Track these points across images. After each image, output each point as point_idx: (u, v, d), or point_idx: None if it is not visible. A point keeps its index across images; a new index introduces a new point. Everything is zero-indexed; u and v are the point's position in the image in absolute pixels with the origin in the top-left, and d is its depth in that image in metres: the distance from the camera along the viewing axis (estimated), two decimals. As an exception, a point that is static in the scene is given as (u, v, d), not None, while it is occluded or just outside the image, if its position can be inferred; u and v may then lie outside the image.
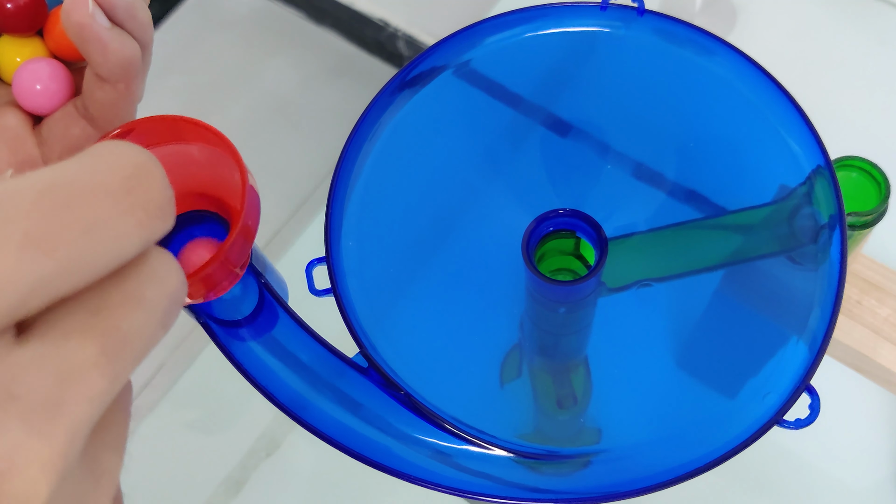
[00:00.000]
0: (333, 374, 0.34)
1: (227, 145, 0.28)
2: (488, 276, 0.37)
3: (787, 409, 0.32)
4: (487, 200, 0.39)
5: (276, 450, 0.62)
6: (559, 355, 0.38)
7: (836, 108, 0.66)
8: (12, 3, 0.32)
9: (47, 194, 0.16)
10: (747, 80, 0.37)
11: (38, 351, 0.15)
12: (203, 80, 0.79)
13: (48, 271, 0.15)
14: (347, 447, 0.33)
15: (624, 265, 0.36)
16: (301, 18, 0.81)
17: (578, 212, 0.33)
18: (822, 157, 0.35)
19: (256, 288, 0.33)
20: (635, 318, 0.36)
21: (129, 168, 0.17)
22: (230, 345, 0.33)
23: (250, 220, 0.28)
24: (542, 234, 0.34)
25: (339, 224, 0.37)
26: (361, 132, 0.38)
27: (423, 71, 0.40)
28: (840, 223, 0.34)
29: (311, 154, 0.74)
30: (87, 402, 0.16)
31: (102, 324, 0.16)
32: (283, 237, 0.70)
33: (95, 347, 0.16)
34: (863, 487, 0.57)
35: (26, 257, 0.15)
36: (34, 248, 0.15)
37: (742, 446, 0.31)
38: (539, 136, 0.39)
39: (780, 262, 0.36)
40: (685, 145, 0.38)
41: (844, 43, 0.69)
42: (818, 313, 0.33)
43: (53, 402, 0.15)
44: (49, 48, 0.34)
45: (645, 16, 0.39)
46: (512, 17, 0.40)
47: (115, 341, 0.16)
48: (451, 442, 0.33)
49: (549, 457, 0.33)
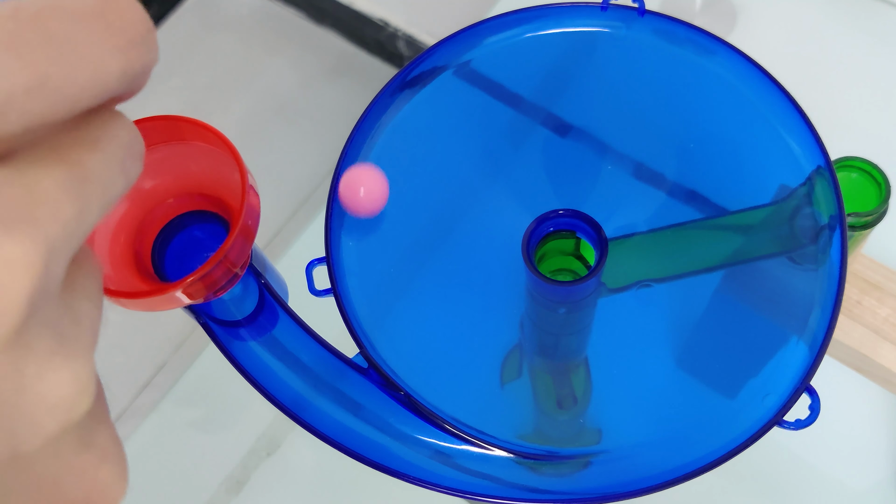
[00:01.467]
0: (333, 375, 0.34)
1: (227, 145, 0.28)
2: (488, 277, 0.37)
3: (787, 409, 0.32)
4: (487, 201, 0.39)
5: (277, 449, 0.62)
6: (559, 355, 0.38)
7: (836, 108, 0.66)
8: None
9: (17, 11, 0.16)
10: (747, 80, 0.37)
11: (8, 174, 0.15)
12: (203, 80, 0.79)
13: (22, 81, 0.15)
14: (347, 447, 0.33)
15: (624, 266, 0.36)
16: (301, 18, 0.81)
17: (578, 212, 0.33)
18: (822, 158, 0.35)
19: (256, 288, 0.33)
20: (635, 319, 0.36)
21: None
22: (230, 345, 0.33)
23: (250, 220, 0.28)
24: (542, 234, 0.34)
25: (340, 224, 0.37)
26: (362, 132, 0.38)
27: (423, 71, 0.40)
28: (840, 224, 0.34)
29: (311, 154, 0.74)
30: (60, 223, 0.16)
31: (66, 157, 0.16)
32: (283, 237, 0.70)
33: (62, 175, 0.16)
34: (863, 487, 0.57)
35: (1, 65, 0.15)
36: (7, 56, 0.15)
37: (742, 447, 0.31)
38: (539, 137, 0.39)
39: (781, 262, 0.36)
40: (685, 145, 0.38)
41: (844, 43, 0.69)
42: (818, 313, 0.33)
43: (27, 217, 0.15)
44: None
45: (645, 16, 0.39)
46: (512, 17, 0.40)
47: (79, 173, 0.16)
48: (451, 442, 0.33)
49: (549, 457, 0.33)
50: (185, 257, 0.31)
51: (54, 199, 0.16)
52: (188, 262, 0.31)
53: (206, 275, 0.27)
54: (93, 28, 0.16)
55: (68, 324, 0.17)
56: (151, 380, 0.65)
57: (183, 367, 0.65)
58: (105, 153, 0.17)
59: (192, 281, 0.27)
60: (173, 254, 0.31)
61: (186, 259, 0.31)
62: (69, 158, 0.17)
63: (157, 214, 0.31)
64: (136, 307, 0.28)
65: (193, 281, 0.27)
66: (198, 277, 0.27)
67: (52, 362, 0.16)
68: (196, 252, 0.31)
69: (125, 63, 0.17)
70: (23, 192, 0.15)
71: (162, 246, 0.31)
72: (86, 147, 0.17)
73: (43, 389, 0.16)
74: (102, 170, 0.17)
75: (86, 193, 0.17)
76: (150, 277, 0.30)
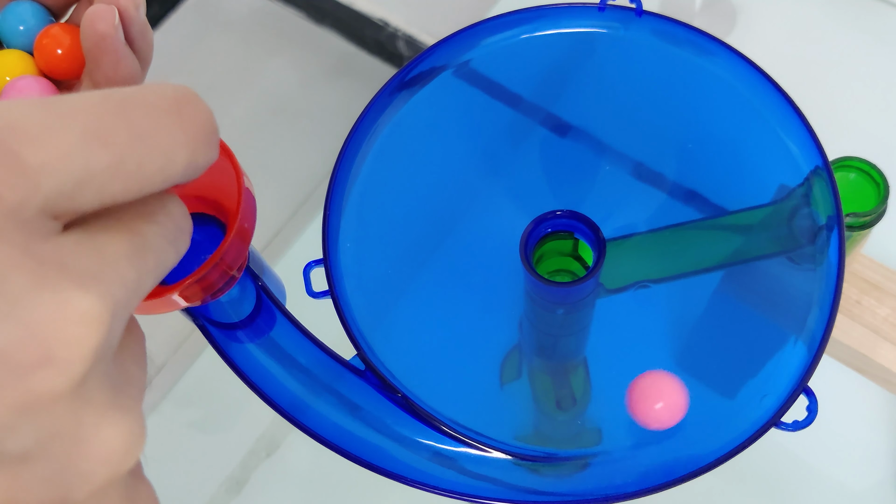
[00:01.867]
0: (330, 377, 0.34)
1: (223, 147, 0.28)
2: (487, 278, 0.37)
3: (784, 411, 0.32)
4: (486, 201, 0.39)
5: (277, 450, 0.62)
6: (558, 356, 0.38)
7: (836, 108, 0.66)
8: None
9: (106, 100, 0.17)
10: (746, 81, 0.37)
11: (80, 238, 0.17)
12: (203, 80, 0.79)
13: (103, 163, 0.16)
14: (344, 449, 0.32)
15: (622, 266, 0.36)
16: (301, 18, 0.81)
17: (576, 213, 0.33)
18: (819, 158, 0.35)
19: (254, 290, 0.33)
20: (634, 319, 0.36)
21: (178, 93, 0.19)
22: (228, 347, 0.33)
23: (246, 223, 0.28)
24: (540, 235, 0.34)
25: (337, 225, 0.37)
26: (360, 132, 0.38)
27: (422, 71, 0.40)
28: (838, 224, 0.34)
29: (311, 154, 0.74)
30: (124, 286, 0.17)
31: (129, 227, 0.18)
32: (281, 238, 0.70)
33: (126, 243, 0.18)
34: (863, 487, 0.57)
35: (85, 145, 0.16)
36: (93, 139, 0.16)
37: (740, 448, 0.31)
38: (538, 137, 0.39)
39: (779, 262, 0.36)
40: (684, 146, 0.38)
41: (844, 43, 0.69)
42: (816, 314, 0.33)
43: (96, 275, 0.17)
44: (38, 66, 0.34)
45: (643, 17, 0.39)
46: (511, 17, 0.40)
47: (140, 243, 0.18)
48: (449, 444, 0.33)
49: (548, 458, 0.33)
50: (181, 260, 0.31)
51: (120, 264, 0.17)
52: (185, 265, 0.31)
53: (202, 278, 0.27)
54: (168, 122, 0.18)
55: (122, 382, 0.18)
56: (151, 381, 0.65)
57: (182, 369, 0.65)
58: (162, 227, 0.19)
59: (188, 284, 0.27)
60: None
61: (183, 262, 0.31)
62: (132, 229, 0.18)
63: None
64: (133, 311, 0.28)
65: (190, 284, 0.27)
66: (194, 280, 0.27)
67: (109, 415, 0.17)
68: (193, 255, 0.31)
69: (191, 156, 0.18)
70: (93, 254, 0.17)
71: None
72: (145, 220, 0.19)
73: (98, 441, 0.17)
74: (159, 242, 0.19)
75: (145, 262, 0.18)
76: None
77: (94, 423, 0.17)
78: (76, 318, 0.16)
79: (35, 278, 0.16)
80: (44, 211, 0.16)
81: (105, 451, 0.17)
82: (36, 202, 0.16)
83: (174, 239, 0.19)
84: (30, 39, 0.34)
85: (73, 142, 0.16)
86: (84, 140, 0.16)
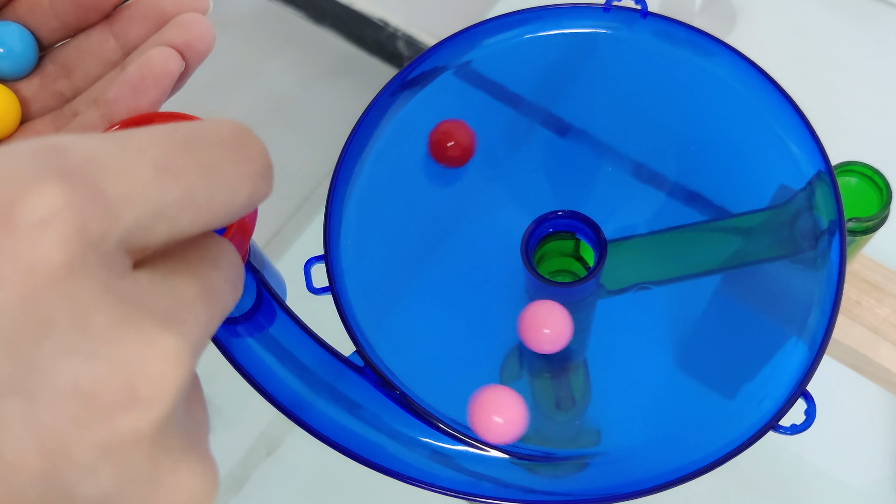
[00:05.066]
0: (329, 373, 0.34)
1: None
2: (488, 277, 0.37)
3: (782, 414, 0.32)
4: (487, 201, 0.39)
5: (277, 449, 0.62)
6: (558, 357, 0.38)
7: (837, 109, 0.66)
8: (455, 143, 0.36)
9: (172, 135, 0.17)
10: (749, 82, 0.37)
11: (154, 278, 0.17)
12: (203, 80, 0.79)
13: (175, 196, 0.17)
14: (342, 445, 0.33)
15: (623, 267, 0.36)
16: (301, 18, 0.81)
17: (578, 213, 0.33)
18: (822, 163, 0.35)
19: (254, 285, 0.33)
20: (634, 320, 0.36)
21: (237, 128, 0.19)
22: (227, 342, 0.33)
23: (247, 217, 0.28)
24: (541, 235, 0.34)
25: (339, 222, 0.37)
26: (362, 132, 0.39)
27: (423, 71, 0.40)
28: (840, 229, 0.34)
29: (311, 154, 0.74)
30: (200, 328, 0.17)
31: (197, 271, 0.18)
32: (282, 237, 0.70)
33: (196, 286, 0.18)
34: (863, 487, 0.57)
35: (159, 178, 0.16)
36: (165, 173, 0.17)
37: (737, 451, 0.31)
38: (539, 138, 0.39)
39: (780, 264, 0.36)
40: (685, 147, 0.38)
41: (845, 44, 0.69)
42: (816, 318, 0.33)
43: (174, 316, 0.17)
44: None
45: (646, 18, 0.39)
46: (513, 18, 0.40)
47: (209, 286, 0.18)
48: (447, 442, 0.33)
49: (546, 458, 0.33)
50: None
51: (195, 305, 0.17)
52: None
53: None
54: (232, 156, 0.18)
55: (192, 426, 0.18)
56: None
57: (183, 367, 0.65)
58: (224, 272, 0.19)
59: None
60: None
61: None
62: (199, 273, 0.18)
63: None
64: None
65: None
66: None
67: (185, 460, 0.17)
68: None
69: (253, 190, 0.19)
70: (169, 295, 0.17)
71: None
72: (209, 265, 0.19)
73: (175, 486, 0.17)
74: (223, 286, 0.19)
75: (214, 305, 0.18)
76: None
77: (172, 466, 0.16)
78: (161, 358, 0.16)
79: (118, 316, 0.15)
80: (122, 244, 0.16)
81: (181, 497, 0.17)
82: (116, 234, 0.16)
83: (234, 284, 0.20)
84: (14, 67, 0.31)
85: (148, 175, 0.16)
86: (158, 173, 0.16)
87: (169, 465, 0.16)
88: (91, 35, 0.31)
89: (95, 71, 0.31)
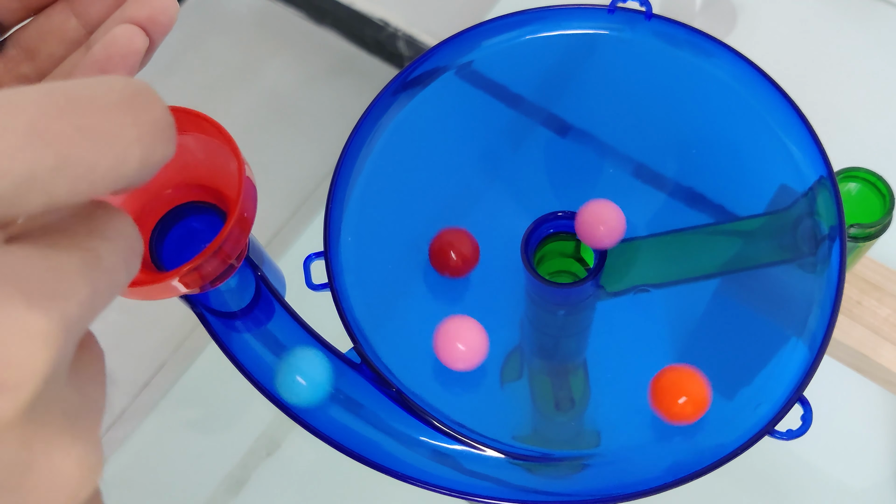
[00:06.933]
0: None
1: (225, 136, 0.28)
2: (488, 278, 0.37)
3: (779, 419, 0.32)
4: (487, 201, 0.39)
5: (277, 449, 0.62)
6: (558, 357, 0.38)
7: (837, 110, 0.66)
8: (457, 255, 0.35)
9: (50, 95, 0.16)
10: (750, 85, 0.37)
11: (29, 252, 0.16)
12: (203, 80, 0.79)
13: (48, 164, 0.15)
14: (338, 442, 0.33)
15: (624, 269, 0.36)
16: (301, 18, 0.81)
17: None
18: (824, 168, 0.35)
19: (253, 280, 0.33)
20: (634, 322, 0.36)
21: (127, 89, 0.17)
22: (226, 336, 0.33)
23: (246, 211, 0.28)
24: (541, 236, 0.34)
25: (339, 220, 0.37)
26: (363, 131, 0.38)
27: (424, 71, 0.40)
28: (840, 235, 0.34)
29: (311, 154, 0.74)
30: (76, 304, 0.16)
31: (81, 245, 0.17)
32: (282, 237, 0.70)
33: (79, 259, 0.17)
34: (863, 488, 0.57)
35: (29, 144, 0.15)
36: (37, 138, 0.15)
37: (732, 455, 0.31)
38: (540, 138, 0.39)
39: (781, 268, 0.36)
40: (686, 149, 0.38)
41: (845, 44, 0.69)
42: (815, 323, 0.33)
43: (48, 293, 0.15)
44: None
45: (650, 20, 0.39)
46: (514, 18, 0.40)
47: (93, 260, 0.17)
48: (444, 441, 0.33)
49: (544, 459, 0.33)
50: (182, 248, 0.31)
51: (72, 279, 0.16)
52: (186, 253, 0.31)
53: (201, 265, 0.27)
54: (119, 118, 0.17)
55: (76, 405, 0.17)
56: (151, 380, 0.65)
57: (182, 368, 0.65)
58: (114, 245, 0.18)
59: (187, 270, 0.27)
60: (171, 244, 0.31)
61: (184, 250, 0.31)
62: (84, 245, 0.17)
63: (155, 205, 0.31)
64: (133, 296, 0.28)
65: (189, 270, 0.27)
66: (193, 267, 0.27)
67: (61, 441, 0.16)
68: (194, 243, 0.31)
69: (144, 153, 0.17)
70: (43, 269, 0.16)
71: (160, 236, 0.31)
72: (98, 237, 0.18)
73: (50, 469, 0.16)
74: (111, 259, 0.18)
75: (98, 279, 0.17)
76: (148, 267, 0.30)
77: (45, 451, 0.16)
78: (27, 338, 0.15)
79: None
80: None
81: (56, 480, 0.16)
82: None
83: (126, 258, 0.18)
84: None
85: (17, 140, 0.15)
86: (28, 138, 0.15)
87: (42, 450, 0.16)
88: (52, 15, 0.30)
89: (59, 52, 0.30)
